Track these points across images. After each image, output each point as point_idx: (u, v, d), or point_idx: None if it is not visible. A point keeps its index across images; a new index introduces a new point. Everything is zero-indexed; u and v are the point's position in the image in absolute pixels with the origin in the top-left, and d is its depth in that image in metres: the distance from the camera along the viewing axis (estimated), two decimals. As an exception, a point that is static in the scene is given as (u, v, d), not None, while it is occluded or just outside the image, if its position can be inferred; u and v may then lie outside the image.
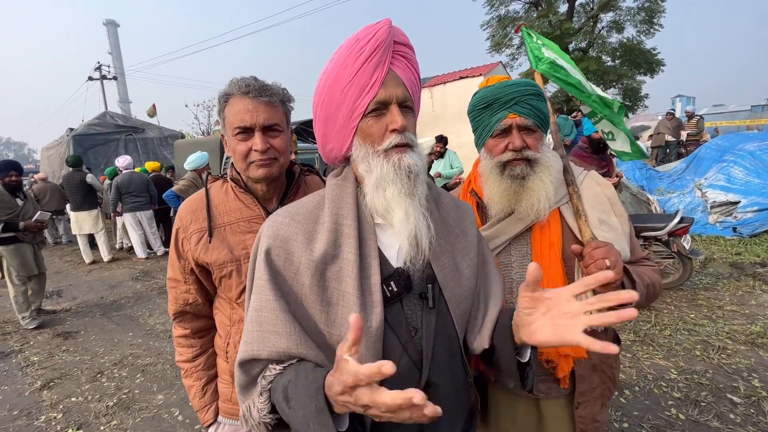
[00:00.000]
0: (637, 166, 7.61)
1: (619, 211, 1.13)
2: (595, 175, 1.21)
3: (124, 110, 26.35)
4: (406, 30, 0.79)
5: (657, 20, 15.13)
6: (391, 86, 0.73)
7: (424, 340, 0.77)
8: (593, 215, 1.10)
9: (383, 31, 0.72)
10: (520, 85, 1.07)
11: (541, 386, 1.13)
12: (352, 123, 0.75)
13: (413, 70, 0.78)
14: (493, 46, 16.68)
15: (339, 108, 0.75)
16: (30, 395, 3.05)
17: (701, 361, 2.95)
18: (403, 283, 0.75)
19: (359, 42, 0.73)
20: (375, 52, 0.71)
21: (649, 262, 1.15)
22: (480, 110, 1.11)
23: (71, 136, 11.32)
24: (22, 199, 4.29)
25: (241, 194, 1.14)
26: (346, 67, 0.73)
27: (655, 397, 2.57)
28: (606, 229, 1.09)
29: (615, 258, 0.96)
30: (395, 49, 0.75)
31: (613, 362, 1.18)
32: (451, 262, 0.82)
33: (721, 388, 2.62)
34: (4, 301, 5.44)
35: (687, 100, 28.28)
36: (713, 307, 3.80)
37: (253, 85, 1.03)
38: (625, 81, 15.58)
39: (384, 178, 0.73)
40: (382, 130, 0.74)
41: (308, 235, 0.76)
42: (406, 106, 0.76)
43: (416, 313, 0.78)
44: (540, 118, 1.07)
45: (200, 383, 1.24)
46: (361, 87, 0.72)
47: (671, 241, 4.05)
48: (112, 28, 35.40)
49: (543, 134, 1.11)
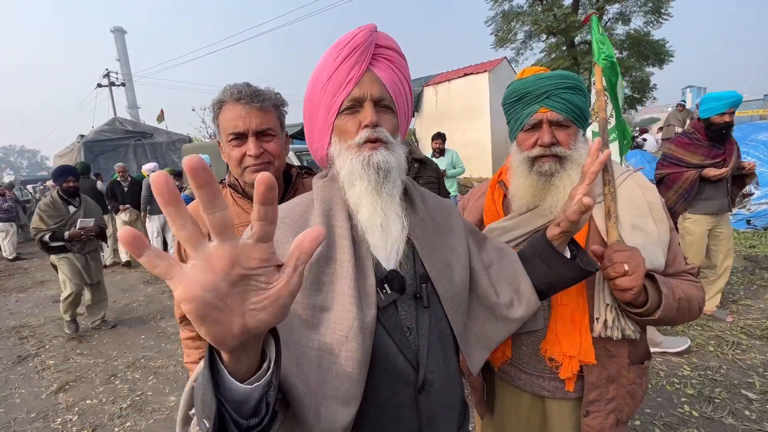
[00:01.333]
0: (647, 159, 7.49)
1: (660, 217, 1.06)
2: (639, 177, 1.13)
3: (133, 116, 26.71)
4: (408, 28, 0.81)
5: (665, 10, 14.85)
6: (367, 85, 0.74)
7: (419, 339, 0.78)
8: (626, 219, 1.04)
9: (362, 34, 0.74)
10: (553, 78, 1.02)
11: (546, 384, 1.10)
12: (329, 120, 0.77)
13: (397, 71, 0.78)
14: (498, 42, 16.51)
15: (318, 107, 0.77)
16: (46, 398, 3.12)
17: (715, 357, 2.90)
18: (397, 286, 0.76)
19: (339, 45, 0.75)
20: (352, 53, 0.73)
21: (691, 277, 1.06)
22: (511, 103, 1.09)
23: (82, 142, 11.54)
24: (76, 206, 4.10)
25: (239, 199, 1.16)
26: (325, 67, 0.76)
27: (668, 394, 2.54)
28: (638, 234, 1.02)
29: (636, 263, 0.91)
30: (377, 51, 0.76)
31: (637, 378, 1.09)
32: (442, 260, 0.82)
33: (735, 384, 2.57)
34: (21, 306, 5.57)
35: (698, 91, 27.73)
36: (727, 302, 3.73)
37: (245, 91, 1.04)
38: (634, 73, 15.32)
39: (352, 172, 0.74)
40: (356, 126, 0.75)
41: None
42: (383, 105, 0.76)
43: (410, 313, 0.78)
44: (575, 112, 1.02)
45: None
46: (337, 85, 0.74)
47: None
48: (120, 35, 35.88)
49: (578, 130, 1.05)
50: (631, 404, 1.08)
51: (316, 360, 0.68)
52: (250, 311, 0.41)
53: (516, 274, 0.92)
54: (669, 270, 1.05)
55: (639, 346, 1.10)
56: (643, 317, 0.98)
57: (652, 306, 0.95)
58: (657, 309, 0.95)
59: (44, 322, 4.84)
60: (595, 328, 1.02)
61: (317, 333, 0.70)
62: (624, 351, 1.06)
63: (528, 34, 16.31)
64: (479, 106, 12.40)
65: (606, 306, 1.01)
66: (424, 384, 0.77)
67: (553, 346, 1.05)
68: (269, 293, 0.41)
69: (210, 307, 0.38)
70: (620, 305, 1.01)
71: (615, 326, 1.00)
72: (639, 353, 1.11)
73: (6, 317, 5.16)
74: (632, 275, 0.91)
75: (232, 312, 0.40)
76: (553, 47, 15.85)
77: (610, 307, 1.01)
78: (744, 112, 19.04)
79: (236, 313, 0.40)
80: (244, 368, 0.45)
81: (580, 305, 1.04)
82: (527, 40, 16.50)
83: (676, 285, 0.99)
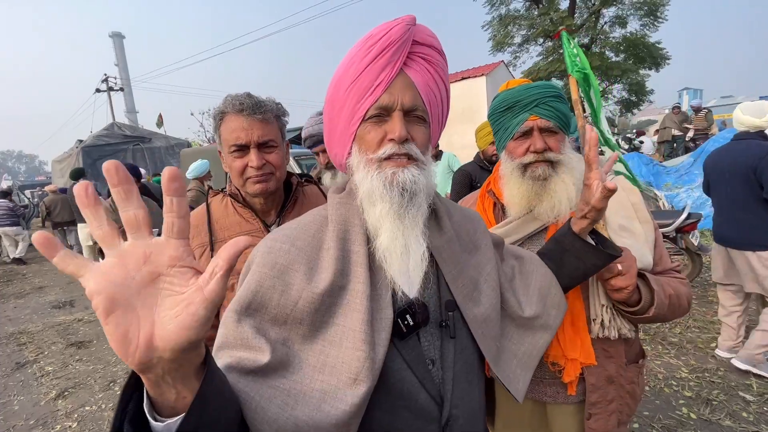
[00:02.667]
0: (644, 161, 7.54)
1: (644, 217, 1.11)
2: (621, 180, 1.19)
3: (131, 120, 26.75)
4: None
5: (661, 14, 14.98)
6: (398, 91, 0.65)
7: (444, 371, 0.70)
8: (614, 220, 1.08)
9: (398, 28, 0.63)
10: (540, 87, 1.06)
11: (547, 390, 1.11)
12: (351, 127, 0.68)
13: (434, 74, 0.68)
14: (495, 46, 16.62)
15: (342, 109, 0.68)
16: (45, 405, 3.11)
17: (713, 359, 2.91)
18: (420, 316, 0.68)
19: (371, 39, 0.65)
20: (385, 51, 0.63)
21: (677, 274, 1.11)
22: (501, 113, 1.11)
23: (80, 147, 11.54)
24: None
25: (240, 208, 1.17)
26: (353, 64, 0.66)
27: (666, 396, 2.55)
28: (626, 235, 1.07)
29: (629, 263, 0.95)
30: (414, 50, 0.66)
31: (634, 377, 1.11)
32: (469, 282, 0.75)
33: (733, 386, 2.59)
34: (20, 312, 5.55)
35: (694, 93, 27.89)
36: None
37: (247, 102, 1.05)
38: (630, 76, 15.43)
39: (373, 191, 0.66)
40: (380, 137, 0.66)
41: (311, 264, 0.66)
42: (415, 115, 0.67)
43: (434, 343, 0.71)
44: (561, 119, 1.06)
45: None
46: (364, 89, 0.65)
47: (679, 238, 4.01)
48: (118, 40, 35.96)
49: (565, 136, 1.10)
50: (631, 404, 1.11)
51: (316, 403, 0.59)
52: (160, 320, 0.38)
53: (544, 279, 0.90)
54: (657, 268, 1.09)
55: (633, 345, 1.14)
56: (637, 315, 1.01)
57: (646, 304, 0.99)
58: (650, 306, 0.98)
59: (43, 329, 4.82)
60: (592, 329, 1.04)
61: (322, 373, 0.62)
62: (621, 350, 1.08)
63: (525, 37, 16.42)
64: (477, 110, 12.46)
65: (602, 306, 1.04)
66: (449, 420, 0.69)
67: (555, 350, 1.06)
68: (181, 298, 0.38)
69: (116, 302, 0.36)
70: (615, 305, 1.04)
71: (612, 326, 1.03)
72: (634, 352, 1.14)
73: (4, 323, 5.15)
74: (626, 275, 0.94)
75: (139, 317, 0.38)
76: (550, 50, 15.95)
77: (606, 307, 1.04)
78: (740, 114, 19.09)
79: (144, 319, 0.38)
80: (170, 402, 0.42)
81: (577, 308, 1.06)
82: (524, 43, 16.61)
83: (665, 282, 1.03)
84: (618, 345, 1.07)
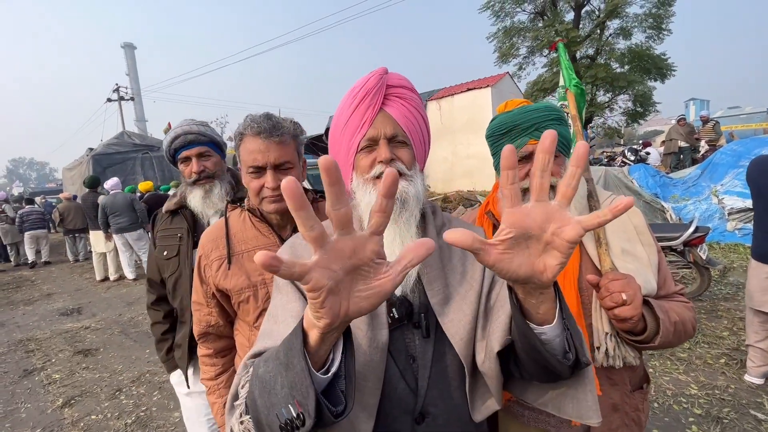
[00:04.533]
0: (651, 173, 7.51)
1: (647, 240, 1.07)
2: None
3: (141, 129, 27.16)
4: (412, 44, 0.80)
5: (665, 26, 15.04)
6: (380, 124, 0.80)
7: (421, 368, 0.78)
8: (616, 244, 1.05)
9: (373, 79, 0.81)
10: (540, 110, 1.05)
11: (551, 420, 1.07)
12: (350, 159, 0.83)
13: (409, 107, 0.83)
14: (500, 57, 16.76)
15: (340, 146, 0.84)
16: (52, 413, 3.13)
17: (723, 376, 2.87)
18: (404, 311, 0.78)
19: (353, 91, 0.82)
20: (365, 98, 0.80)
21: (681, 298, 1.07)
22: (498, 136, 1.10)
23: (91, 156, 11.72)
24: None
25: (258, 223, 1.20)
26: (343, 111, 0.83)
27: (675, 414, 2.51)
28: (629, 259, 1.03)
29: (633, 292, 0.91)
30: (389, 92, 0.82)
31: (639, 404, 1.08)
32: (445, 289, 0.81)
33: (744, 404, 2.54)
34: (28, 318, 5.61)
35: (701, 104, 27.80)
36: (734, 319, 3.71)
37: (265, 125, 1.09)
38: (636, 87, 15.46)
39: (371, 203, 0.77)
40: (371, 161, 0.80)
41: None
42: (398, 141, 0.81)
43: (414, 341, 0.79)
44: (562, 143, 1.04)
45: (222, 400, 1.29)
46: (354, 128, 0.81)
47: (687, 251, 3.98)
48: (130, 50, 36.71)
49: (565, 159, 1.08)
50: (636, 431, 1.08)
51: None
52: (354, 297, 0.47)
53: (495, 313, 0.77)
54: (660, 292, 1.05)
55: (638, 370, 1.09)
56: (642, 344, 0.98)
57: (651, 333, 0.95)
58: (656, 335, 0.95)
59: (50, 336, 4.87)
60: (597, 358, 1.01)
61: None
62: (625, 377, 1.05)
63: (530, 49, 16.55)
64: (482, 121, 12.52)
65: (606, 335, 1.00)
66: (423, 415, 0.76)
67: None
68: (375, 284, 0.47)
69: (331, 292, 0.45)
70: (619, 333, 1.00)
71: (616, 355, 1.00)
72: (638, 377, 1.10)
73: (13, 330, 5.20)
74: (631, 304, 0.90)
75: (341, 297, 0.47)
76: (555, 62, 16.04)
77: (610, 335, 1.00)
78: (747, 125, 19.04)
79: (344, 298, 0.47)
80: (321, 358, 0.51)
81: None
82: (529, 55, 16.74)
83: (670, 309, 0.99)
84: (622, 372, 1.03)
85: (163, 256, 1.54)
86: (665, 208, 6.76)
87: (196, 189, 1.49)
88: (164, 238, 1.56)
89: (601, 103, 16.08)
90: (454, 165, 12.87)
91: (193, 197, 1.49)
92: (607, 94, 16.12)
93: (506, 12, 16.21)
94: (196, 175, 1.48)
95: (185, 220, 1.54)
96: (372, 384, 0.74)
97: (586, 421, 0.69)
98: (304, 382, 0.49)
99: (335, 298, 0.46)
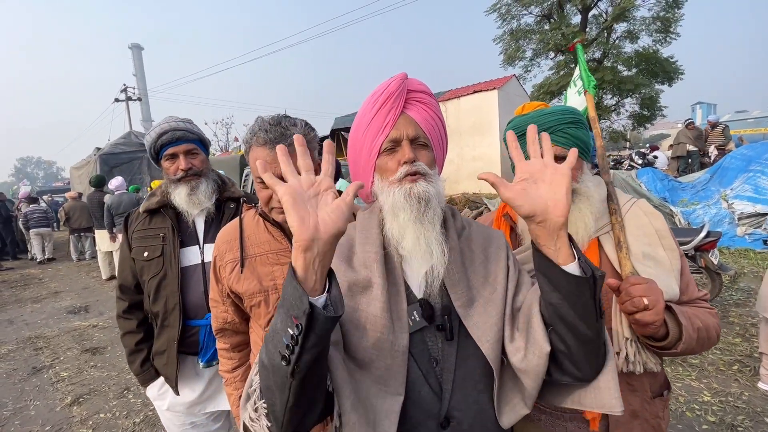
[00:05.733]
0: (659, 177, 7.46)
1: (669, 244, 1.04)
2: (643, 204, 1.12)
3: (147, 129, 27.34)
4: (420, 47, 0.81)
5: (673, 29, 14.95)
6: (403, 126, 0.81)
7: (444, 372, 0.78)
8: (637, 248, 1.03)
9: (395, 84, 0.82)
10: (556, 113, 1.04)
11: (568, 425, 1.06)
12: (371, 161, 0.84)
13: (429, 111, 0.84)
14: (506, 60, 16.74)
15: (362, 148, 0.85)
16: (61, 411, 3.14)
17: (736, 383, 2.84)
18: (425, 315, 0.78)
19: (375, 94, 0.84)
20: (387, 100, 0.81)
21: (705, 304, 1.04)
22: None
23: (98, 155, 11.80)
24: None
25: (271, 227, 1.21)
26: (365, 114, 0.84)
27: (689, 421, 2.48)
28: (650, 264, 1.01)
29: (655, 297, 0.89)
30: (410, 96, 0.83)
31: (659, 411, 1.05)
32: (467, 291, 0.80)
33: (758, 411, 2.51)
34: (36, 316, 5.65)
35: (708, 108, 27.55)
36: (746, 325, 3.67)
37: (272, 133, 1.07)
38: (643, 90, 15.37)
39: (396, 204, 0.79)
40: (396, 163, 0.81)
41: (345, 260, 0.83)
42: (419, 143, 0.82)
43: (437, 344, 0.79)
44: (579, 146, 1.03)
45: (237, 392, 1.30)
46: (376, 129, 0.82)
47: (698, 256, 3.95)
48: (137, 51, 37.00)
49: (584, 162, 1.07)
50: None
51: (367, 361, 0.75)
52: (321, 215, 0.60)
53: (530, 310, 0.77)
54: (683, 298, 1.02)
55: (658, 377, 1.07)
56: (664, 350, 0.96)
57: (673, 339, 0.93)
58: (678, 341, 0.93)
59: (59, 334, 4.90)
60: (617, 363, 0.99)
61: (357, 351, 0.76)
62: (645, 384, 1.04)
63: (536, 52, 16.52)
64: (489, 123, 12.48)
65: (626, 340, 0.98)
66: (448, 419, 0.76)
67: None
68: (331, 206, 0.61)
69: (296, 200, 0.59)
70: (640, 338, 0.99)
71: (637, 360, 0.98)
72: (659, 384, 1.08)
73: (22, 327, 5.24)
74: (652, 309, 0.88)
75: (309, 212, 0.60)
76: (561, 65, 16.00)
77: (630, 340, 0.98)
78: (756, 129, 18.86)
79: (312, 214, 0.60)
80: (311, 288, 0.59)
81: None
82: (535, 57, 16.70)
83: (693, 315, 0.97)
84: (643, 378, 1.01)
85: (143, 257, 1.49)
86: (674, 213, 6.71)
87: (181, 186, 1.46)
88: (143, 239, 1.51)
89: (607, 106, 16.00)
90: (460, 167, 12.82)
91: (177, 194, 1.46)
92: (614, 97, 16.04)
93: (513, 14, 16.20)
94: (183, 173, 1.45)
95: (169, 218, 1.49)
96: (393, 389, 0.74)
97: (608, 410, 0.71)
98: (296, 297, 0.57)
99: (303, 210, 0.59)
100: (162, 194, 1.52)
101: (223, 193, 1.57)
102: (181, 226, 1.51)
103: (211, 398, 1.60)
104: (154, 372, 1.56)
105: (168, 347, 1.48)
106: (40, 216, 9.76)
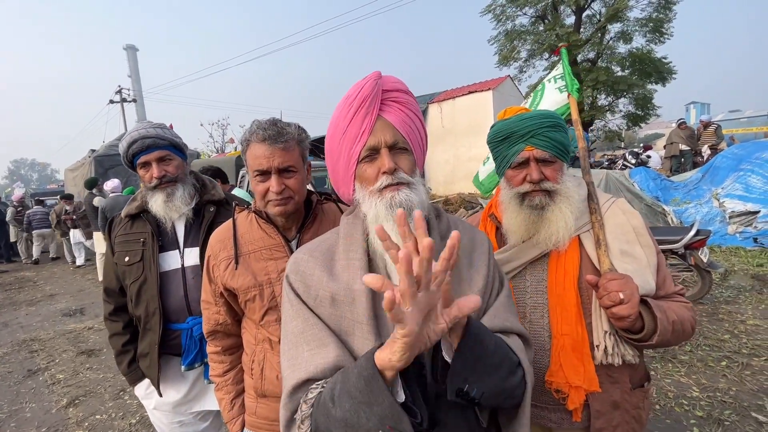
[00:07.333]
0: (651, 176, 7.53)
1: (646, 241, 1.09)
2: (622, 203, 1.18)
3: (142, 130, 27.09)
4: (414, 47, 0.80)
5: (666, 30, 15.09)
6: (380, 132, 0.79)
7: (429, 374, 0.78)
8: (615, 245, 1.08)
9: (368, 86, 0.79)
10: (535, 117, 1.07)
11: (552, 416, 1.10)
12: (350, 170, 0.82)
13: (407, 111, 0.82)
14: (501, 60, 16.83)
15: (339, 157, 0.83)
16: (57, 413, 3.15)
17: (724, 378, 2.89)
18: None
19: (348, 99, 0.81)
20: (362, 105, 0.79)
21: (681, 298, 1.09)
22: (497, 143, 1.14)
23: (93, 157, 11.75)
24: None
25: (264, 224, 1.24)
26: (339, 121, 0.82)
27: (677, 416, 2.53)
28: (628, 260, 1.06)
29: (630, 291, 0.94)
30: (386, 96, 0.81)
31: (640, 402, 1.10)
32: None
33: (745, 406, 2.56)
34: (31, 319, 5.63)
35: (701, 107, 27.83)
36: (735, 322, 3.72)
37: (269, 132, 1.12)
38: (637, 90, 15.49)
39: (378, 215, 0.78)
40: (375, 172, 0.80)
41: (325, 269, 0.82)
42: (398, 148, 0.80)
43: None
44: (558, 149, 1.07)
45: (229, 396, 1.32)
46: (353, 137, 0.80)
47: (688, 254, 4.00)
48: (132, 52, 36.74)
49: (563, 164, 1.11)
50: (637, 428, 1.10)
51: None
52: (428, 332, 0.60)
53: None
54: (659, 293, 1.07)
55: (638, 369, 1.12)
56: (641, 342, 1.01)
57: (649, 331, 0.98)
58: (653, 334, 0.97)
59: (54, 336, 4.89)
60: (596, 356, 1.04)
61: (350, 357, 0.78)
62: (625, 376, 1.08)
63: (531, 52, 16.62)
64: (483, 123, 12.55)
65: (605, 333, 1.03)
66: (435, 423, 0.75)
67: (558, 378, 1.06)
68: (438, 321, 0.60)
69: (416, 336, 0.58)
70: (618, 332, 1.03)
71: (615, 353, 1.03)
72: (639, 376, 1.13)
73: (16, 330, 5.23)
74: (628, 303, 0.93)
75: (420, 336, 0.59)
76: (555, 65, 16.08)
77: (609, 333, 1.03)
78: (748, 129, 19.05)
79: (423, 336, 0.60)
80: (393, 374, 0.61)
81: (580, 334, 1.06)
82: (530, 58, 16.81)
83: (668, 308, 1.02)
84: (623, 370, 1.06)
85: (125, 262, 1.49)
86: (666, 212, 6.78)
87: (157, 193, 1.47)
88: (125, 243, 1.52)
89: (601, 106, 16.12)
90: (456, 168, 12.88)
91: (154, 202, 1.47)
92: (608, 97, 16.16)
93: (507, 15, 16.29)
94: (157, 180, 1.46)
95: (149, 224, 1.50)
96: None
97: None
98: (395, 413, 0.59)
99: (418, 339, 0.58)
100: (142, 199, 1.53)
101: (203, 196, 1.57)
102: (160, 230, 1.52)
103: (196, 399, 1.61)
104: (141, 372, 1.57)
105: (150, 350, 1.50)
106: (42, 217, 9.87)
